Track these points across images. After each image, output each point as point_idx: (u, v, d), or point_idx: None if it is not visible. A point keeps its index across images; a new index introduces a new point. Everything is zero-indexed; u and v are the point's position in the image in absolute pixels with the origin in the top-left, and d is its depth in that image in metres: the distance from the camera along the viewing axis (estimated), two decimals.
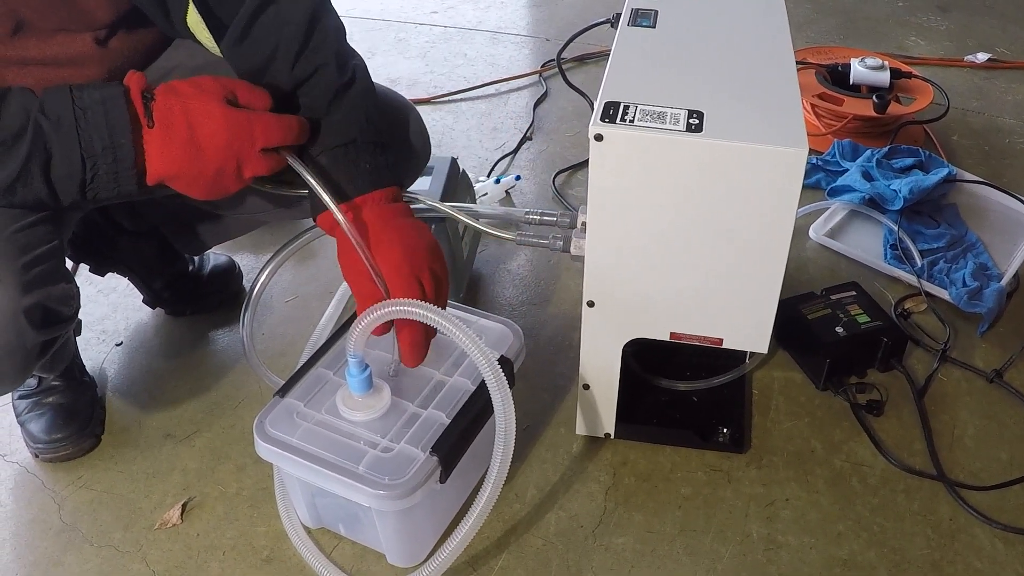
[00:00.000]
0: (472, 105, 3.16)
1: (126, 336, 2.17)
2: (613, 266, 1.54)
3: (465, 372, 1.63)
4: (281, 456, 1.51)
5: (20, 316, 1.46)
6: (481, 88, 3.25)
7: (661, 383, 1.89)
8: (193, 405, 1.97)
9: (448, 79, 3.33)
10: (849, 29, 3.59)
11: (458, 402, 1.57)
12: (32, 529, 1.77)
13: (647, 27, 1.70)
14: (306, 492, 1.63)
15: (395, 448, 1.50)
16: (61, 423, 1.88)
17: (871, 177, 2.45)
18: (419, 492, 1.45)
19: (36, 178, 1.37)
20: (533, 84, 3.27)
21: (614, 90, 1.48)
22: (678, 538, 1.67)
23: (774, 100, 1.48)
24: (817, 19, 3.64)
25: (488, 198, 2.50)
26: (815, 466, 1.79)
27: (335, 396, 1.58)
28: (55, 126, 1.35)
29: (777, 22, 1.72)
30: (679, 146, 1.39)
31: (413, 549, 1.62)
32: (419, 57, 3.52)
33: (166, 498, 1.80)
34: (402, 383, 1.61)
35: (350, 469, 1.46)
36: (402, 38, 3.68)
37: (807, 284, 2.13)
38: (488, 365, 1.42)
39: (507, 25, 3.75)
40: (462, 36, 3.67)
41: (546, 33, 3.63)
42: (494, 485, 1.48)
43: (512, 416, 1.47)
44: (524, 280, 2.30)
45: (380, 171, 1.56)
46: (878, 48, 3.11)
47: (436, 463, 1.48)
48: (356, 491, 1.45)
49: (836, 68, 2.84)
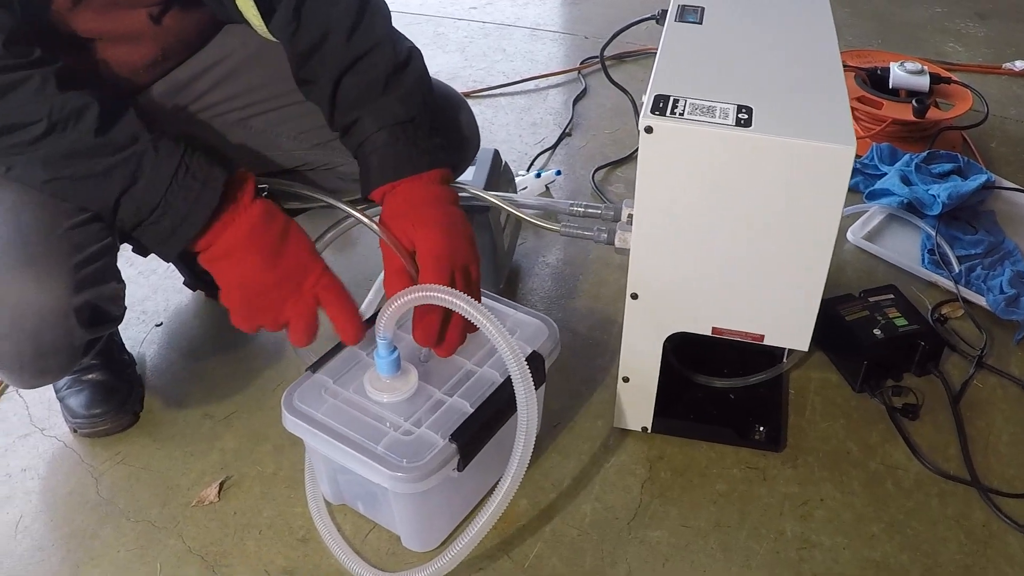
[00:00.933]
0: (511, 100, 3.17)
1: (166, 317, 2.18)
2: (658, 259, 1.54)
3: (495, 364, 1.63)
4: (305, 430, 1.53)
5: (70, 315, 1.48)
6: (520, 84, 3.26)
7: (699, 379, 1.89)
8: (232, 386, 1.98)
9: (487, 74, 3.34)
10: (886, 33, 3.58)
11: (484, 393, 1.57)
12: (69, 502, 1.78)
13: (694, 23, 1.70)
14: (329, 468, 1.65)
15: (416, 432, 1.51)
16: (100, 399, 1.89)
17: (909, 181, 2.45)
18: (435, 477, 1.46)
19: (109, 191, 1.40)
20: (572, 80, 3.28)
21: (664, 84, 1.48)
22: (712, 534, 1.67)
23: (822, 98, 1.48)
24: (854, 23, 3.63)
25: (528, 192, 2.50)
26: (850, 467, 1.79)
27: (364, 376, 1.59)
28: (156, 165, 1.40)
29: (822, 21, 1.72)
30: (729, 140, 1.39)
31: (427, 534, 1.63)
32: (458, 52, 3.53)
33: (204, 476, 1.81)
34: (432, 369, 1.62)
35: (369, 448, 1.47)
36: (441, 32, 3.68)
37: (845, 286, 2.13)
38: (514, 359, 1.43)
39: (545, 22, 3.75)
40: (500, 32, 3.68)
41: (583, 31, 3.64)
42: (512, 480, 1.49)
43: (535, 413, 1.47)
44: (563, 273, 2.31)
45: (435, 152, 1.58)
46: (916, 53, 3.11)
47: (454, 451, 1.48)
48: (373, 470, 1.46)
49: (875, 72, 2.83)
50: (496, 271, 2.09)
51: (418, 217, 1.53)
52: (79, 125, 1.37)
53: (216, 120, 1.79)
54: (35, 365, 1.51)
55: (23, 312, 1.44)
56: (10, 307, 1.43)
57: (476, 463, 1.53)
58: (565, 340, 1.70)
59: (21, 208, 1.47)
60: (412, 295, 1.44)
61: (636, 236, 1.53)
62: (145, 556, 1.67)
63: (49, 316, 1.45)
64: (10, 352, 1.48)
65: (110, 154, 1.39)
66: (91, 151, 1.38)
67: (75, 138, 1.37)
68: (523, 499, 1.73)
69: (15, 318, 1.44)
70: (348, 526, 1.69)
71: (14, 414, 1.97)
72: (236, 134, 1.81)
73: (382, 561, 1.63)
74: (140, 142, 1.40)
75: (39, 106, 1.35)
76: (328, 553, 1.64)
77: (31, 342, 1.47)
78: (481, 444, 1.54)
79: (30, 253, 1.44)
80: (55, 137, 1.37)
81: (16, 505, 1.78)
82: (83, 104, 1.38)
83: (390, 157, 1.56)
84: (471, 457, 1.51)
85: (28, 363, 1.50)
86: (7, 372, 1.53)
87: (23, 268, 1.43)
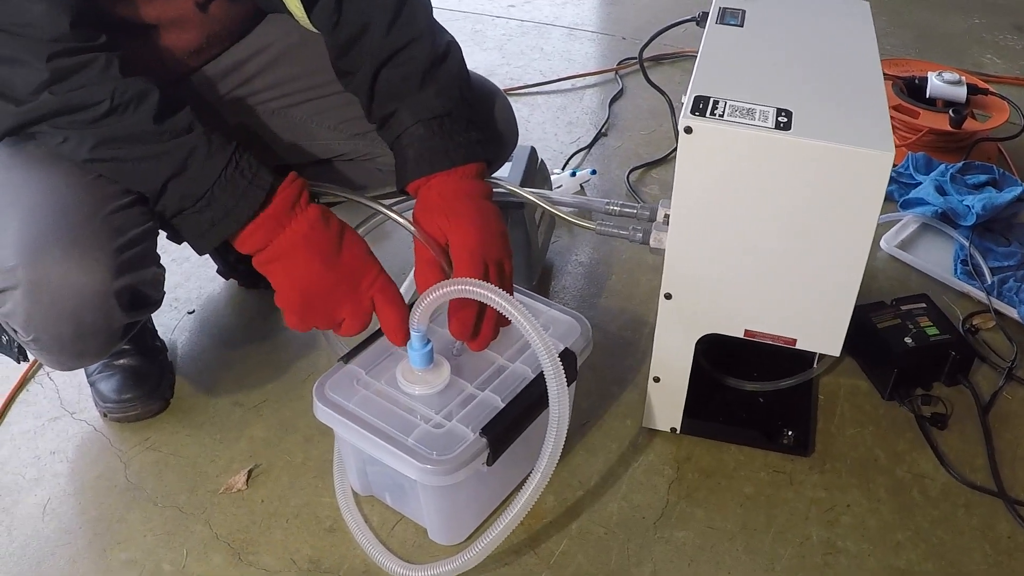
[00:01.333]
0: (548, 99, 3.17)
1: (199, 304, 2.20)
2: (693, 260, 1.55)
3: (527, 360, 1.63)
4: (336, 420, 1.53)
5: (111, 298, 1.49)
6: (557, 82, 3.26)
7: (729, 382, 1.89)
8: (263, 375, 1.99)
9: (524, 72, 3.34)
10: (924, 43, 3.57)
11: (515, 388, 1.58)
12: (97, 486, 1.79)
13: (735, 26, 1.70)
14: (358, 459, 1.66)
15: (446, 425, 1.51)
16: (131, 384, 1.90)
17: (944, 191, 2.44)
18: (464, 471, 1.46)
19: (158, 175, 1.42)
20: (609, 81, 3.28)
21: (704, 85, 1.49)
22: (738, 536, 1.67)
23: (861, 103, 1.49)
24: (892, 32, 3.62)
25: (563, 191, 2.51)
26: (877, 474, 1.79)
27: (396, 368, 1.60)
28: (207, 156, 1.43)
29: (863, 27, 1.72)
30: (768, 143, 1.39)
31: (454, 528, 1.64)
32: (496, 49, 3.53)
33: (232, 464, 1.82)
34: (464, 363, 1.62)
35: (400, 440, 1.48)
36: (479, 30, 3.69)
37: (877, 293, 2.13)
38: (548, 355, 1.43)
39: (583, 22, 3.75)
40: (538, 31, 3.68)
41: (621, 31, 3.63)
42: (542, 476, 1.49)
43: (567, 409, 1.47)
44: (595, 272, 2.31)
45: (471, 146, 1.59)
46: (953, 64, 3.09)
47: (484, 445, 1.49)
48: (403, 462, 1.46)
49: (913, 81, 2.83)
50: (530, 268, 2.10)
51: (451, 211, 1.54)
52: (139, 109, 1.39)
53: (258, 108, 1.81)
54: (74, 347, 1.52)
55: (64, 293, 1.44)
56: (52, 288, 1.44)
57: (504, 458, 1.53)
58: (596, 339, 1.70)
59: (65, 190, 1.48)
60: (448, 288, 1.45)
61: (672, 236, 1.53)
62: (172, 542, 1.68)
63: (90, 298, 1.46)
64: (50, 333, 1.49)
65: (165, 140, 1.41)
66: (147, 136, 1.40)
67: (134, 121, 1.40)
68: (551, 496, 1.73)
69: (56, 299, 1.45)
70: (375, 517, 1.70)
71: (45, 397, 1.99)
72: (276, 123, 1.82)
73: (408, 553, 1.64)
74: (194, 133, 1.43)
75: (103, 87, 1.38)
76: (355, 544, 1.64)
77: (71, 323, 1.48)
78: (511, 439, 1.54)
79: (74, 235, 1.45)
80: (115, 119, 1.39)
81: (44, 487, 1.79)
82: (145, 90, 1.41)
83: (426, 151, 1.57)
84: (501, 451, 1.52)
85: (67, 344, 1.51)
86: (45, 353, 1.55)
87: (66, 249, 1.44)
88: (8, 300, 1.47)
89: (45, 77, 1.35)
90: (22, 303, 1.45)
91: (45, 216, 1.46)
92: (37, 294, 1.44)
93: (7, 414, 1.96)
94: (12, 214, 1.47)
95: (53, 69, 1.35)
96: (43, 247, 1.44)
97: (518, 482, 1.65)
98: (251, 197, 1.43)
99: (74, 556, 1.67)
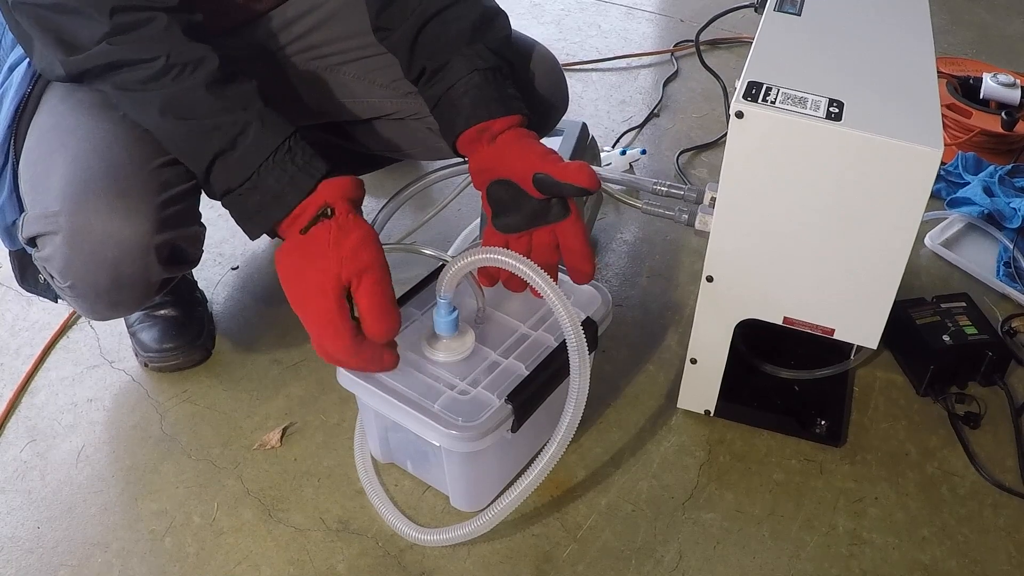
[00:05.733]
0: (602, 76, 3.17)
1: (242, 261, 2.22)
2: (737, 244, 1.55)
3: (550, 328, 1.65)
4: (360, 386, 1.54)
5: (151, 251, 1.50)
6: (612, 60, 3.26)
7: (765, 368, 1.90)
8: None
9: (580, 48, 3.34)
10: (983, 44, 3.54)
11: (539, 356, 1.59)
12: (132, 435, 1.82)
13: (792, 14, 1.70)
14: (380, 425, 1.67)
15: (472, 392, 1.53)
16: (173, 334, 1.92)
17: (992, 193, 2.43)
18: (489, 437, 1.48)
19: (206, 150, 1.41)
20: (664, 62, 3.27)
21: (758, 71, 1.49)
22: (766, 521, 1.68)
23: (913, 99, 1.48)
24: (952, 30, 3.59)
25: (611, 168, 2.50)
26: (907, 469, 1.79)
27: (421, 335, 1.61)
28: (258, 136, 1.40)
29: (920, 23, 1.71)
30: (818, 132, 1.39)
31: (476, 494, 1.65)
32: (553, 23, 3.53)
33: (267, 421, 1.84)
34: (487, 331, 1.63)
35: (426, 407, 1.49)
36: (537, 3, 3.69)
37: (919, 290, 2.13)
38: (571, 324, 1.45)
39: (642, 2, 3.74)
40: (597, 8, 3.68)
41: (679, 14, 3.62)
42: (559, 444, 1.50)
43: (587, 379, 1.49)
44: (639, 252, 2.32)
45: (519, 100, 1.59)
46: (1010, 66, 3.07)
47: (510, 411, 1.50)
48: (429, 428, 1.48)
49: (967, 80, 2.81)
50: None
51: (510, 152, 1.55)
52: (195, 74, 1.39)
53: (310, 64, 1.83)
54: (109, 296, 1.54)
55: (105, 243, 1.46)
56: (93, 237, 1.45)
57: (526, 426, 1.55)
58: (636, 317, 1.71)
59: (114, 140, 1.50)
60: (474, 257, 1.46)
61: (717, 219, 1.54)
62: (203, 494, 1.71)
63: (131, 249, 1.48)
64: (87, 281, 1.51)
65: (216, 113, 1.39)
66: (200, 103, 1.39)
67: (187, 86, 1.39)
68: (581, 470, 1.75)
69: (96, 248, 1.46)
70: (407, 481, 1.72)
71: (85, 345, 2.02)
72: (328, 80, 1.85)
73: (437, 519, 1.66)
74: (249, 110, 1.40)
75: (160, 45, 1.38)
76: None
77: (109, 273, 1.49)
78: (535, 406, 1.56)
79: (120, 186, 1.46)
80: (168, 79, 1.38)
81: (80, 434, 1.83)
82: (203, 55, 1.40)
83: (482, 99, 1.56)
84: (526, 418, 1.54)
85: (103, 294, 1.53)
86: (81, 300, 1.57)
87: (111, 200, 1.45)
88: (48, 244, 1.49)
89: (107, 29, 1.36)
90: (62, 249, 1.47)
91: (92, 165, 1.47)
92: (78, 241, 1.46)
93: (47, 360, 1.99)
94: (59, 160, 1.50)
95: (115, 23, 1.36)
96: (88, 195, 1.45)
97: (537, 449, 1.66)
98: (300, 184, 1.39)
99: (106, 504, 1.70)
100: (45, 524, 1.67)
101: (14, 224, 1.58)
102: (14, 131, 1.57)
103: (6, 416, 1.86)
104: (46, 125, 1.56)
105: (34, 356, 1.99)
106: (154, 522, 1.67)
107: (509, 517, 1.57)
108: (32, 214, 1.50)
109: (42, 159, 1.53)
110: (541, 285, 1.44)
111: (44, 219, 1.47)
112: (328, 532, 1.65)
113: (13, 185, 1.57)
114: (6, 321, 2.10)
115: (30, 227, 1.50)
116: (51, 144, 1.53)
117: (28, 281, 1.77)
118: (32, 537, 1.65)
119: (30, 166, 1.54)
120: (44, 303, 1.89)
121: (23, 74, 1.60)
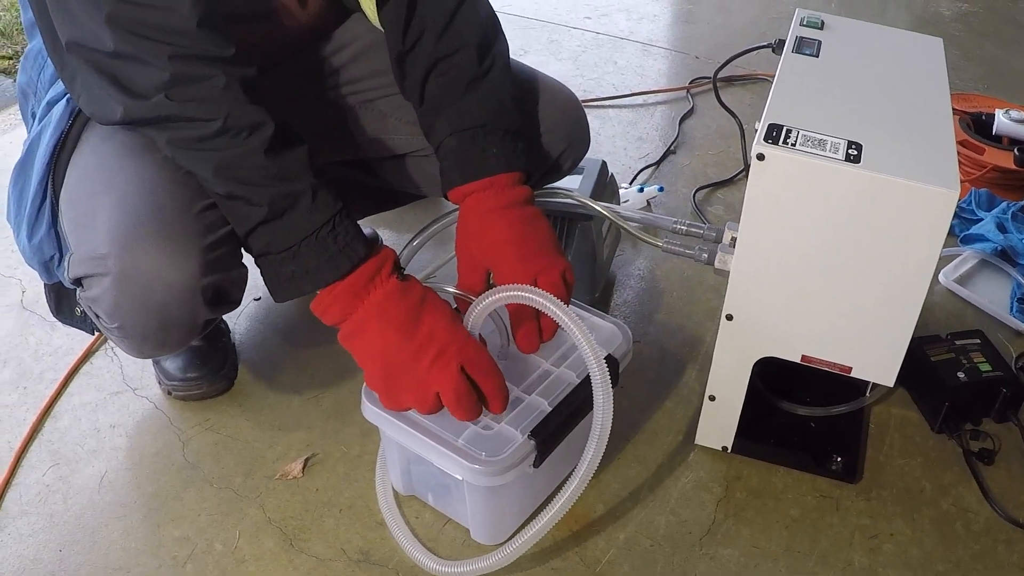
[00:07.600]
0: (619, 113, 3.19)
1: (264, 292, 2.22)
2: (756, 283, 1.57)
3: (572, 365, 1.66)
4: (385, 420, 1.56)
5: (198, 294, 1.51)
6: (629, 97, 3.28)
7: (782, 405, 1.91)
8: (324, 366, 2.02)
9: (597, 85, 3.37)
10: (994, 80, 3.55)
11: (561, 392, 1.61)
12: (155, 462, 1.84)
13: (810, 56, 1.72)
14: (403, 458, 1.69)
15: (495, 427, 1.55)
16: (197, 363, 1.95)
17: (1005, 229, 2.45)
18: (512, 472, 1.49)
19: (254, 215, 1.42)
20: (680, 99, 3.29)
21: (778, 113, 1.51)
22: (782, 557, 1.69)
23: (930, 140, 1.50)
24: (963, 66, 3.61)
25: (629, 206, 2.52)
26: (922, 505, 1.80)
27: None
28: (307, 210, 1.41)
29: (936, 64, 1.73)
30: (837, 174, 1.41)
31: (497, 528, 1.66)
32: (570, 60, 3.56)
33: (289, 451, 1.86)
34: (510, 368, 1.63)
35: (450, 441, 1.51)
36: (555, 40, 3.72)
37: (933, 327, 2.14)
38: (595, 361, 1.46)
39: (657, 38, 3.77)
40: (613, 44, 3.71)
41: (694, 50, 3.65)
42: (581, 479, 1.52)
43: (610, 415, 1.50)
44: (656, 288, 2.33)
45: (509, 156, 1.60)
46: (1022, 101, 3.09)
47: (533, 447, 1.52)
48: (452, 462, 1.49)
49: (980, 117, 2.83)
50: (593, 279, 2.12)
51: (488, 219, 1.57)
52: (251, 139, 1.39)
53: (344, 100, 1.85)
54: (156, 338, 1.56)
55: (154, 286, 1.48)
56: (142, 279, 1.47)
57: (548, 460, 1.56)
58: (654, 355, 1.73)
59: (159, 181, 1.51)
60: (501, 295, 1.48)
61: (737, 259, 1.56)
62: (225, 523, 1.72)
63: (179, 292, 1.49)
64: (135, 322, 1.52)
65: (270, 180, 1.40)
66: (254, 169, 1.40)
67: (243, 151, 1.39)
68: (600, 505, 1.76)
69: (146, 290, 1.48)
70: (428, 514, 1.73)
71: (108, 371, 2.04)
72: (360, 115, 1.87)
73: (457, 552, 1.67)
74: (301, 181, 1.41)
75: (219, 106, 1.37)
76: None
77: (158, 315, 1.51)
78: (558, 441, 1.58)
79: (168, 229, 1.48)
80: (225, 141, 1.39)
81: (102, 460, 1.84)
82: (261, 120, 1.40)
83: (457, 163, 1.59)
84: (548, 453, 1.55)
85: (150, 335, 1.55)
86: (128, 341, 1.58)
87: (159, 243, 1.47)
88: (95, 286, 1.50)
89: (166, 78, 1.35)
90: (111, 291, 1.48)
91: (139, 207, 1.49)
92: (127, 284, 1.47)
93: (70, 385, 2.01)
94: (104, 201, 1.51)
95: (174, 73, 1.35)
96: (136, 238, 1.46)
97: (557, 483, 1.68)
98: (336, 264, 1.41)
99: (128, 529, 1.71)
100: (68, 547, 1.69)
101: (52, 259, 1.60)
102: (52, 168, 1.59)
103: (29, 440, 1.88)
104: (89, 164, 1.57)
105: (57, 381, 2.01)
106: (176, 549, 1.68)
107: (529, 551, 1.58)
108: (79, 255, 1.51)
109: (86, 199, 1.54)
110: (567, 322, 1.45)
111: (92, 261, 1.48)
112: (349, 563, 1.66)
113: (52, 221, 1.58)
114: (29, 346, 2.12)
115: (77, 268, 1.52)
116: (95, 184, 1.54)
117: (63, 313, 1.80)
118: (55, 559, 1.67)
119: (73, 205, 1.56)
120: (68, 328, 1.91)
121: (62, 111, 1.61)
